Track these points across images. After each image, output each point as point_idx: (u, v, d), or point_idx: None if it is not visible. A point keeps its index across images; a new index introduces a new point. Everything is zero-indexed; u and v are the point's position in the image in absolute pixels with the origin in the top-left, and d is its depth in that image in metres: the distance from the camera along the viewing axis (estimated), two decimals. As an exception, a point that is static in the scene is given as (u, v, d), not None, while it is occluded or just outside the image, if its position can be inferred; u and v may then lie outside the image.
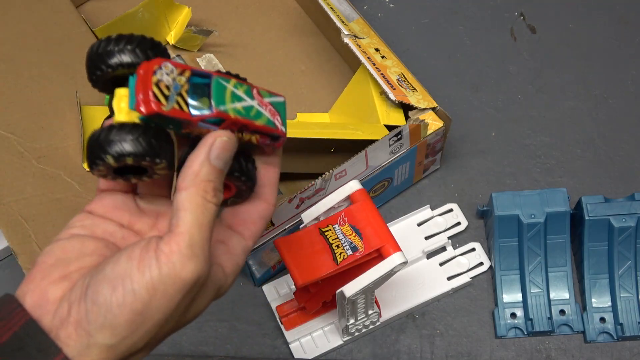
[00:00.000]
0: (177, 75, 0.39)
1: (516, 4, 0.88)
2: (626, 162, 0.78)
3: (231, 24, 0.84)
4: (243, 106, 0.41)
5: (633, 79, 0.83)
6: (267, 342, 0.70)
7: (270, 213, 0.45)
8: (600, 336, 0.69)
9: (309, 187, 0.64)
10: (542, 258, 0.70)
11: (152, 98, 0.38)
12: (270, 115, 0.42)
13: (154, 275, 0.36)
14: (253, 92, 0.42)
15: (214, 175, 0.39)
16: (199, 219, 0.38)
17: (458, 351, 0.70)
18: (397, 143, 0.67)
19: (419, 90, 0.70)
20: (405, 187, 0.76)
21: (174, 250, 0.37)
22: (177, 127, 0.40)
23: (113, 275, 0.37)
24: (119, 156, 0.38)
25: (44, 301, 0.38)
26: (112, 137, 0.38)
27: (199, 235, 0.38)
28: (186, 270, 0.37)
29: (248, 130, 0.41)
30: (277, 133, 0.43)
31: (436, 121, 0.69)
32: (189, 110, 0.39)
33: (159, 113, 0.38)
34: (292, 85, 0.80)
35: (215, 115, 0.40)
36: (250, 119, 0.41)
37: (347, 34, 0.71)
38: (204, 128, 0.40)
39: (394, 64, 0.71)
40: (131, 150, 0.38)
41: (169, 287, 0.37)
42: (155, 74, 0.39)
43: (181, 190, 0.39)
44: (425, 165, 0.75)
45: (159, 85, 0.39)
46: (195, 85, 0.40)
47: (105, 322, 0.37)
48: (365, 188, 0.60)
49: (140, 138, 0.38)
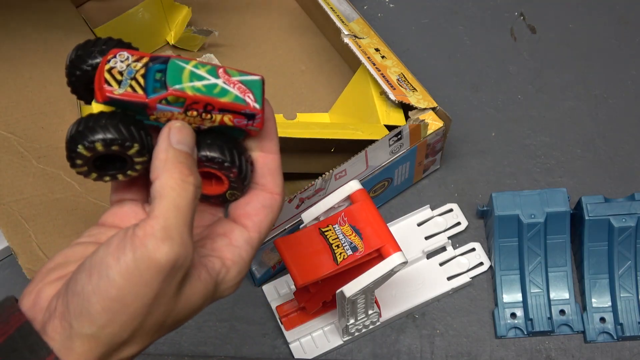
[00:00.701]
0: (133, 62, 0.40)
1: (516, 4, 0.88)
2: (626, 162, 0.78)
3: (231, 24, 0.84)
4: (204, 84, 0.40)
5: (633, 79, 0.83)
6: (267, 342, 0.70)
7: (277, 202, 0.44)
8: (600, 336, 0.69)
9: (309, 187, 0.64)
10: (542, 258, 0.70)
11: (104, 85, 0.39)
12: (238, 92, 0.41)
13: (128, 259, 0.36)
14: (218, 71, 0.41)
15: (182, 157, 0.39)
16: (175, 201, 0.37)
17: (458, 351, 0.70)
18: (397, 143, 0.67)
19: (419, 90, 0.70)
20: (405, 187, 0.76)
21: (148, 233, 0.36)
22: (141, 112, 0.40)
23: (90, 264, 0.37)
24: (89, 144, 0.39)
25: (38, 300, 0.39)
26: (81, 128, 0.39)
27: (174, 218, 0.37)
28: (160, 253, 0.36)
29: (215, 110, 0.41)
30: (249, 110, 0.41)
31: (436, 121, 0.69)
32: (144, 93, 0.39)
33: (111, 97, 0.39)
34: (292, 85, 0.80)
35: (170, 94, 0.39)
36: (213, 96, 0.40)
37: (347, 34, 0.71)
38: (168, 111, 0.40)
39: (394, 64, 0.71)
40: (99, 136, 0.39)
41: (144, 272, 0.36)
42: (109, 62, 0.39)
43: (154, 180, 0.38)
44: (425, 165, 0.75)
45: (111, 72, 0.39)
46: (153, 70, 0.40)
47: (83, 310, 0.36)
48: (365, 188, 0.60)
49: (107, 123, 0.39)
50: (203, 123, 0.41)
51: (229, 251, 0.42)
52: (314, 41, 0.83)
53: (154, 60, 0.40)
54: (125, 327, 0.37)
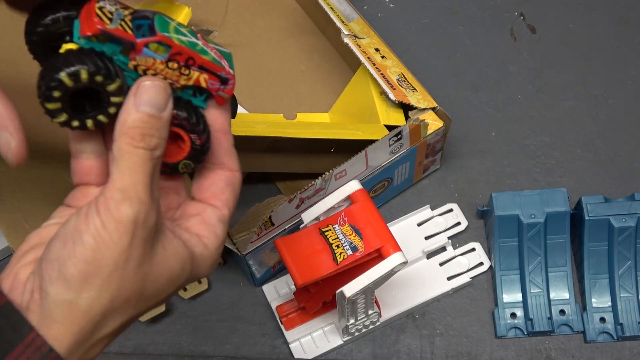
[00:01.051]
0: (120, 8, 0.41)
1: (516, 4, 0.88)
2: (626, 162, 0.78)
3: (231, 24, 0.84)
4: (188, 40, 0.41)
5: (633, 79, 0.83)
6: (267, 342, 0.70)
7: (237, 180, 0.45)
8: (600, 336, 0.69)
9: (309, 187, 0.64)
10: (542, 258, 0.70)
11: (96, 19, 0.39)
12: (215, 56, 0.42)
13: (96, 222, 0.37)
14: (197, 35, 0.42)
15: (142, 122, 0.39)
16: (130, 164, 0.38)
17: (458, 351, 0.70)
18: (397, 143, 0.67)
19: (419, 90, 0.70)
20: (405, 187, 0.76)
21: (108, 197, 0.38)
22: (124, 54, 0.40)
23: (63, 233, 0.38)
24: (73, 71, 0.38)
25: (16, 283, 0.39)
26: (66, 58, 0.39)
27: (130, 179, 0.38)
28: (120, 212, 0.37)
29: (195, 66, 0.41)
30: (225, 73, 0.42)
31: (436, 121, 0.69)
32: (134, 34, 0.40)
33: (104, 30, 0.39)
34: (293, 86, 0.80)
35: (159, 39, 0.40)
36: (196, 51, 0.41)
37: (347, 34, 0.71)
38: (150, 57, 0.40)
39: (394, 64, 0.71)
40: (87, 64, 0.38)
41: (113, 233, 0.37)
42: (99, 2, 0.40)
43: (114, 142, 0.39)
44: (425, 165, 0.75)
45: (102, 10, 0.40)
46: (140, 17, 0.41)
47: (59, 275, 0.37)
48: (366, 188, 0.60)
49: (92, 55, 0.39)
50: (179, 80, 0.42)
51: (204, 229, 0.43)
52: (313, 41, 0.83)
53: (139, 12, 0.41)
54: (102, 292, 0.38)
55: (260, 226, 0.64)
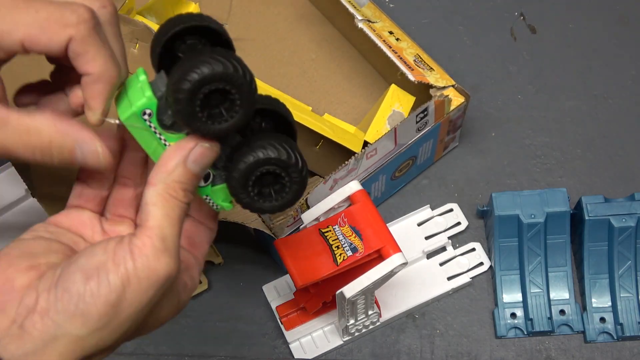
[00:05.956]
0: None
1: (516, 4, 0.87)
2: (626, 162, 0.78)
3: (238, 18, 0.84)
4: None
5: (633, 79, 0.83)
6: (267, 342, 0.70)
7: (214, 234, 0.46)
8: (600, 336, 0.69)
9: (342, 168, 0.64)
10: (542, 258, 0.70)
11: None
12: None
13: (129, 267, 0.36)
14: None
15: (186, 178, 0.39)
16: (169, 213, 0.38)
17: (458, 351, 0.70)
18: (423, 120, 0.68)
19: (435, 69, 0.70)
20: (426, 165, 0.77)
21: (147, 244, 0.37)
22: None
23: (88, 266, 0.37)
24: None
25: (10, 288, 0.37)
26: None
27: (169, 229, 0.38)
28: (160, 263, 0.37)
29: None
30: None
31: (457, 97, 0.69)
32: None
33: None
34: (305, 74, 0.80)
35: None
36: None
37: (360, 19, 0.71)
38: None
39: (408, 46, 0.71)
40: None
41: (143, 281, 0.37)
42: None
43: (150, 186, 0.39)
44: (446, 142, 0.76)
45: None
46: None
47: (77, 311, 0.36)
48: (392, 168, 0.60)
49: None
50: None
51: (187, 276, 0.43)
52: (322, 29, 0.83)
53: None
54: (113, 333, 0.37)
55: (297, 209, 0.64)
